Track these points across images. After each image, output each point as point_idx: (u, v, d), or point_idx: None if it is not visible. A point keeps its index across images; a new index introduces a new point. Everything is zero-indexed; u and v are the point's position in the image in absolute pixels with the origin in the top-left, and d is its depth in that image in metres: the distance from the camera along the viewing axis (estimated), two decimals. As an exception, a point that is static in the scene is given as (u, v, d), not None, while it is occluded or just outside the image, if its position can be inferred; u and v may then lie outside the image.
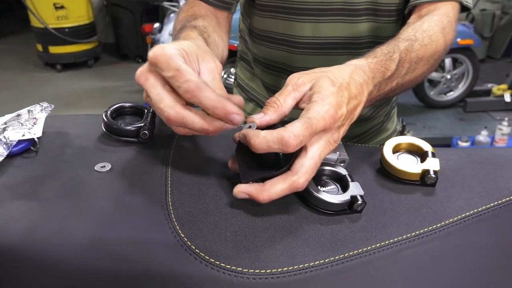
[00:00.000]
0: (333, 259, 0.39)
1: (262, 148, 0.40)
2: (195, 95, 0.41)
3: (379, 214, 0.45)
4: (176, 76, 0.41)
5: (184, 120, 0.42)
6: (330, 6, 0.72)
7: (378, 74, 0.51)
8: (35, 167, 0.48)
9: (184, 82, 0.41)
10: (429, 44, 0.59)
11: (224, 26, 0.74)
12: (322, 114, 0.42)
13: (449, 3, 0.67)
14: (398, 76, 0.55)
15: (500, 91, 3.55)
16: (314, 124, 0.41)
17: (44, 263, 0.38)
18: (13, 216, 0.41)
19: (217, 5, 0.73)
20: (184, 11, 0.70)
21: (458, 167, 0.52)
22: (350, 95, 0.45)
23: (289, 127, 0.40)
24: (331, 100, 0.43)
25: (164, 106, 0.42)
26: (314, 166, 0.42)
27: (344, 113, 0.44)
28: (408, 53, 0.56)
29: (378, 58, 0.53)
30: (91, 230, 0.40)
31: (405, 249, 0.41)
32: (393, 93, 0.58)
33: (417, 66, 0.58)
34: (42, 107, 0.53)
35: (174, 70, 0.41)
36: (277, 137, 0.40)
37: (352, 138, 0.87)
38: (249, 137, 0.41)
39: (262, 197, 0.41)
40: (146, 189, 0.46)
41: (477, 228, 0.45)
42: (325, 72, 0.47)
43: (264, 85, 0.88)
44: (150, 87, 0.43)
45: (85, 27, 4.47)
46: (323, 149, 0.43)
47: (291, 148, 0.39)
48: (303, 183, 0.41)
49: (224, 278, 0.37)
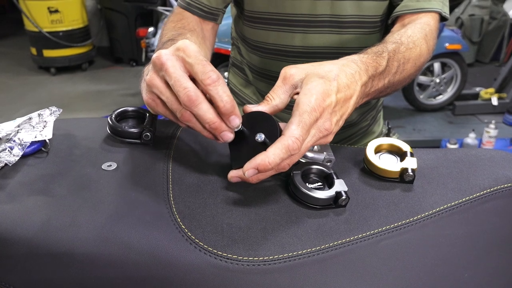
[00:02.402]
0: (319, 248, 0.42)
1: (277, 163, 0.43)
2: (216, 85, 0.43)
3: (361, 208, 0.47)
4: (203, 64, 0.43)
5: (200, 105, 0.44)
6: (318, 18, 0.75)
7: (370, 68, 0.53)
8: (47, 166, 0.51)
9: (210, 70, 0.43)
10: (414, 48, 0.62)
11: (208, 40, 0.75)
12: (311, 105, 0.43)
13: (429, 14, 0.70)
14: (389, 73, 0.57)
15: (488, 95, 3.57)
16: (307, 119, 0.43)
17: (58, 252, 0.41)
18: (29, 210, 0.44)
19: (203, 16, 0.75)
20: (173, 21, 0.72)
21: (434, 165, 0.55)
22: (339, 84, 0.46)
23: (287, 133, 0.43)
24: (318, 89, 0.44)
25: (186, 85, 0.43)
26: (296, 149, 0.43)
27: (333, 101, 0.45)
28: (395, 53, 0.59)
29: (369, 54, 0.55)
30: (100, 222, 0.42)
31: (385, 239, 0.44)
32: (385, 92, 0.60)
33: (406, 67, 0.61)
34: (51, 111, 0.56)
35: (201, 60, 0.43)
36: (283, 147, 0.42)
37: (340, 141, 0.89)
38: (260, 161, 0.43)
39: (252, 179, 0.45)
40: (150, 186, 0.48)
41: (450, 220, 0.47)
42: (316, 65, 0.49)
43: (258, 91, 0.90)
44: (174, 68, 0.44)
45: (79, 30, 4.44)
46: (311, 138, 0.45)
47: (298, 150, 0.43)
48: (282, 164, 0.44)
49: (221, 265, 0.40)
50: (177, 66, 0.44)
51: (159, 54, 0.45)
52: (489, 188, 0.50)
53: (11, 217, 0.43)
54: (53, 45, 4.29)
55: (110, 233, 0.42)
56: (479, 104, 3.62)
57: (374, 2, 0.74)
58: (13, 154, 0.49)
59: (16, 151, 0.49)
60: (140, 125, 0.57)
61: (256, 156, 0.43)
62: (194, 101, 0.43)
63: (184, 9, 0.75)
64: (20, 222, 0.43)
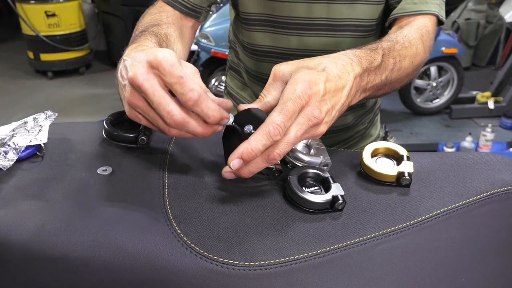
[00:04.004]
0: (316, 253, 0.42)
1: (260, 149, 0.42)
2: (198, 104, 0.42)
3: (358, 212, 0.47)
4: (181, 83, 0.42)
5: (187, 125, 0.44)
6: (314, 21, 0.75)
7: (364, 60, 0.52)
8: (42, 171, 0.51)
9: (189, 91, 0.42)
10: (410, 46, 0.62)
11: (186, 37, 0.74)
12: (296, 93, 0.43)
13: (426, 16, 0.70)
14: (385, 69, 0.57)
15: (484, 99, 3.60)
16: (290, 107, 0.42)
17: (53, 257, 0.41)
18: (24, 214, 0.44)
19: (185, 12, 0.73)
20: (151, 14, 0.70)
21: (431, 169, 0.55)
22: (329, 74, 0.46)
23: (268, 120, 0.42)
24: (305, 78, 0.44)
25: (170, 109, 0.42)
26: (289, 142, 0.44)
27: (320, 89, 0.44)
28: (390, 51, 0.59)
29: (363, 49, 0.55)
30: (95, 227, 0.42)
31: (381, 244, 0.44)
32: (383, 90, 0.60)
33: (402, 64, 0.60)
34: (46, 115, 0.56)
35: (179, 77, 0.42)
36: (264, 133, 0.42)
37: (337, 144, 0.89)
38: (243, 149, 0.43)
39: (243, 172, 0.45)
40: (145, 190, 0.48)
41: (447, 224, 0.47)
42: (307, 59, 0.49)
43: (254, 94, 0.90)
44: (153, 90, 0.42)
45: (76, 34, 4.43)
46: (301, 127, 0.44)
47: (280, 136, 0.42)
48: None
49: (217, 270, 0.40)
50: (156, 86, 0.43)
51: (134, 75, 0.42)
52: (485, 192, 0.50)
53: (5, 222, 0.43)
54: (50, 49, 4.28)
55: (105, 238, 0.41)
56: (476, 108, 3.64)
57: (370, 6, 0.74)
58: (7, 158, 0.49)
59: (11, 155, 0.49)
60: (136, 129, 0.57)
61: (239, 145, 0.43)
62: (181, 123, 0.43)
63: (165, 2, 0.73)
64: (15, 227, 0.42)
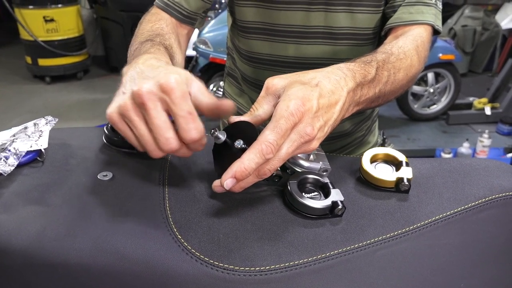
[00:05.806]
0: (316, 258, 0.42)
1: (253, 168, 0.42)
2: (198, 141, 0.44)
3: (357, 218, 0.47)
4: (188, 118, 0.42)
5: (180, 151, 0.45)
6: (312, 30, 0.76)
7: (358, 75, 0.52)
8: (42, 176, 0.51)
9: (194, 128, 0.43)
10: (404, 58, 0.62)
11: (182, 45, 0.74)
12: (289, 110, 0.43)
13: (422, 26, 0.71)
14: (379, 82, 0.56)
15: (481, 105, 3.62)
16: (283, 124, 0.42)
17: (54, 262, 0.41)
18: (24, 219, 0.44)
19: (181, 19, 0.74)
20: (151, 21, 0.70)
21: (429, 175, 0.55)
22: (322, 90, 0.46)
23: (261, 138, 0.42)
24: (298, 94, 0.44)
25: (170, 136, 0.43)
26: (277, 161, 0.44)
27: (313, 105, 0.44)
28: (385, 63, 0.59)
29: (357, 62, 0.55)
30: (96, 233, 0.42)
31: (381, 249, 0.44)
32: (377, 102, 0.59)
33: (397, 77, 0.60)
34: (47, 120, 0.56)
35: (187, 113, 0.42)
36: (257, 152, 0.42)
37: (335, 151, 0.89)
38: (236, 168, 0.42)
39: (234, 188, 0.45)
40: (146, 196, 0.48)
41: (446, 230, 0.48)
42: (300, 73, 0.49)
43: (251, 101, 0.90)
44: (156, 112, 0.42)
45: (74, 40, 4.44)
46: (292, 143, 0.44)
47: (272, 155, 0.42)
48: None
49: (217, 275, 0.40)
50: (159, 108, 0.42)
51: (140, 90, 0.42)
52: (484, 198, 0.50)
53: (6, 227, 0.43)
54: (48, 54, 4.29)
55: (106, 243, 0.41)
56: (473, 114, 3.67)
57: (367, 15, 0.75)
58: (8, 163, 0.49)
59: (11, 160, 0.49)
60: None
61: (232, 164, 0.43)
62: (175, 150, 0.44)
63: (162, 9, 0.73)
64: (15, 232, 0.42)
